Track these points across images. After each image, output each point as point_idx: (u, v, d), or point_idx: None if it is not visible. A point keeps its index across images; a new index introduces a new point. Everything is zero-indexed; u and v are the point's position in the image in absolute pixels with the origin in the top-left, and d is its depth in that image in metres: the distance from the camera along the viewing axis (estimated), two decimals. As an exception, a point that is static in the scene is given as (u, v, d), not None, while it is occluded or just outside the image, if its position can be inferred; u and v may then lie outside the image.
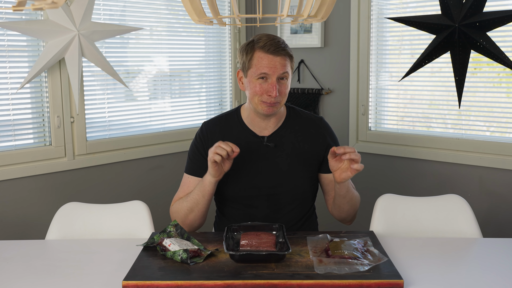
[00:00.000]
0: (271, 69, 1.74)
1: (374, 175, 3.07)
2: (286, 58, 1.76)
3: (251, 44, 1.79)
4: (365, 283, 1.39)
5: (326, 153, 1.89)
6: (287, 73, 1.77)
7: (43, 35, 2.39)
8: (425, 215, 1.93)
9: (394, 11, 2.93)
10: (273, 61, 1.74)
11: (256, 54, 1.76)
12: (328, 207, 1.96)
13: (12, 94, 2.43)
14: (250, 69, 1.78)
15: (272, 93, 1.74)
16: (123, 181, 2.87)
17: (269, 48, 1.74)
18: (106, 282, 1.44)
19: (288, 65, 1.78)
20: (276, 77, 1.75)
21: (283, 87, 1.78)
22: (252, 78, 1.78)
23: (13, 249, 1.72)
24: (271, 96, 1.75)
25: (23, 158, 2.48)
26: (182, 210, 1.84)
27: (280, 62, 1.75)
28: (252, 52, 1.77)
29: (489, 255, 1.64)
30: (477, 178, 2.72)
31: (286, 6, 1.27)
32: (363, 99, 3.07)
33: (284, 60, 1.76)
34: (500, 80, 2.67)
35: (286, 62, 1.76)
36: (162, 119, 3.05)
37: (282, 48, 1.75)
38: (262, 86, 1.76)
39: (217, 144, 1.68)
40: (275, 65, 1.74)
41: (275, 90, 1.74)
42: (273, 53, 1.74)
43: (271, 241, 1.57)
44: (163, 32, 3.01)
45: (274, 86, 1.74)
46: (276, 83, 1.75)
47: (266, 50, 1.74)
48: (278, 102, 1.79)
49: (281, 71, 1.75)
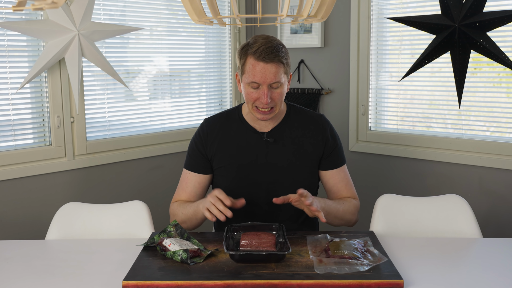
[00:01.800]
0: (262, 78, 1.73)
1: (374, 175, 3.07)
2: (278, 64, 1.74)
3: (245, 48, 1.78)
4: (365, 283, 1.39)
5: (325, 149, 1.90)
6: (278, 82, 1.75)
7: (43, 35, 2.39)
8: (425, 215, 1.93)
9: (394, 11, 2.93)
10: (263, 69, 1.73)
11: (248, 60, 1.76)
12: None
13: (12, 94, 2.43)
14: (243, 74, 1.79)
15: (263, 100, 1.74)
16: (123, 181, 2.87)
17: (259, 55, 1.72)
18: (106, 282, 1.44)
19: (281, 72, 1.76)
20: (267, 85, 1.75)
21: (276, 94, 1.77)
22: (245, 84, 1.78)
23: (13, 249, 1.72)
24: (263, 103, 1.75)
25: (23, 158, 2.48)
26: (177, 217, 1.88)
27: (271, 70, 1.73)
28: (245, 58, 1.77)
29: (489, 255, 1.64)
30: (477, 178, 2.72)
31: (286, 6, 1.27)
32: (363, 99, 3.07)
33: (275, 68, 1.74)
34: (500, 80, 2.67)
35: (278, 69, 1.74)
36: (162, 119, 3.05)
37: (274, 54, 1.73)
38: (254, 93, 1.77)
39: (213, 200, 1.67)
40: (265, 73, 1.73)
41: (267, 97, 1.74)
42: (263, 60, 1.72)
43: (271, 241, 1.57)
44: (163, 32, 3.01)
45: (265, 95, 1.74)
46: (267, 91, 1.74)
47: (257, 57, 1.73)
48: (272, 108, 1.79)
49: (272, 80, 1.74)
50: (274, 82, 1.74)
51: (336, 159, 1.93)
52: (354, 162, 3.11)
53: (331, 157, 1.92)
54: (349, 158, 3.08)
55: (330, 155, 1.91)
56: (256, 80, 1.74)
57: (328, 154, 1.91)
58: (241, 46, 1.81)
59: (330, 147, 1.91)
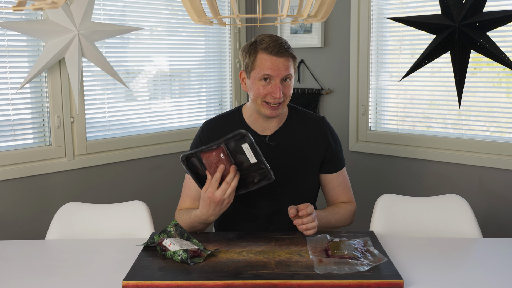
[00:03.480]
0: (274, 70, 1.74)
1: (374, 175, 3.07)
2: (289, 59, 1.76)
3: (254, 45, 1.78)
4: (365, 283, 1.39)
5: (327, 153, 1.90)
6: (290, 74, 1.77)
7: (43, 35, 2.39)
8: (425, 215, 1.93)
9: (394, 11, 2.93)
10: (276, 62, 1.74)
11: (259, 56, 1.76)
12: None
13: (12, 94, 2.43)
14: (253, 70, 1.78)
15: (276, 95, 1.74)
16: (123, 181, 2.87)
17: (272, 49, 1.73)
18: (106, 282, 1.44)
19: (291, 66, 1.78)
20: (279, 79, 1.75)
21: (287, 88, 1.78)
22: (255, 79, 1.77)
23: (13, 249, 1.72)
24: (275, 97, 1.75)
25: (23, 158, 2.48)
26: (183, 224, 1.82)
27: (283, 63, 1.75)
28: (255, 54, 1.77)
29: (489, 255, 1.64)
30: (477, 178, 2.72)
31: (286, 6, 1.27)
32: (363, 99, 3.07)
33: (287, 62, 1.76)
34: (500, 80, 2.67)
35: (289, 63, 1.76)
36: (162, 119, 3.05)
37: (285, 49, 1.75)
38: (266, 88, 1.76)
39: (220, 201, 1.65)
40: (278, 66, 1.74)
41: (279, 91, 1.74)
42: (276, 54, 1.74)
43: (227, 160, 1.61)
44: (163, 32, 3.01)
45: (278, 88, 1.74)
46: (279, 85, 1.75)
47: (269, 52, 1.74)
48: (281, 104, 1.79)
49: (284, 73, 1.75)
50: (286, 75, 1.75)
51: (336, 163, 1.93)
52: (354, 162, 3.11)
53: (332, 161, 1.91)
54: (349, 158, 3.09)
55: (331, 159, 1.91)
56: (269, 73, 1.74)
57: (329, 158, 1.91)
58: (248, 44, 1.81)
59: (332, 151, 1.91)
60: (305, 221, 1.68)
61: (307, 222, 1.68)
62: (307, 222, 1.68)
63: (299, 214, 1.69)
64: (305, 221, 1.68)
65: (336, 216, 1.86)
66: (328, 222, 1.83)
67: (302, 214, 1.68)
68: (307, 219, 1.68)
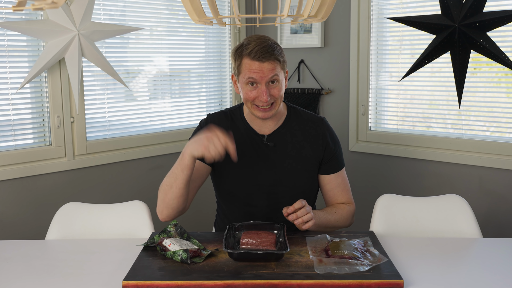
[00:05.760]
0: (259, 74, 1.73)
1: (374, 175, 3.07)
2: (274, 62, 1.74)
3: (240, 49, 1.78)
4: (365, 283, 1.39)
5: (325, 154, 1.89)
6: (276, 75, 1.75)
7: (43, 35, 2.39)
8: (425, 215, 1.93)
9: (394, 11, 2.93)
10: (260, 67, 1.73)
11: (244, 61, 1.75)
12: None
13: (12, 94, 2.43)
14: (240, 74, 1.78)
15: (263, 98, 1.74)
16: (123, 181, 2.87)
17: (255, 54, 1.72)
18: (106, 282, 1.44)
19: (278, 68, 1.76)
20: (265, 83, 1.74)
21: (275, 89, 1.77)
22: (243, 83, 1.78)
23: (13, 249, 1.72)
24: (262, 101, 1.75)
25: (23, 158, 2.48)
26: (163, 186, 1.77)
27: (267, 67, 1.73)
28: (240, 58, 1.77)
29: (489, 255, 1.64)
30: (477, 178, 2.72)
31: (286, 6, 1.27)
32: (363, 99, 3.07)
33: (272, 65, 1.74)
34: (500, 80, 2.67)
35: (274, 66, 1.74)
36: (162, 119, 3.05)
37: (269, 53, 1.73)
38: (253, 92, 1.76)
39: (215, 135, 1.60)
40: (262, 71, 1.73)
41: (266, 95, 1.74)
42: (259, 59, 1.72)
43: (271, 240, 1.57)
44: (163, 32, 3.01)
45: (264, 92, 1.74)
46: (266, 89, 1.74)
47: (252, 57, 1.73)
48: (272, 105, 1.78)
49: (269, 76, 1.74)
50: (271, 79, 1.74)
51: (335, 164, 1.92)
52: (354, 162, 3.11)
53: (330, 162, 1.91)
54: (349, 158, 3.09)
55: (330, 160, 1.91)
56: (254, 76, 1.73)
57: (328, 159, 1.90)
58: (235, 48, 1.80)
59: (330, 152, 1.90)
60: (299, 214, 1.66)
61: (301, 214, 1.66)
62: (301, 214, 1.66)
63: (292, 205, 1.68)
64: (299, 214, 1.66)
65: (334, 216, 1.85)
66: (327, 221, 1.83)
67: (296, 206, 1.67)
68: (301, 212, 1.66)
